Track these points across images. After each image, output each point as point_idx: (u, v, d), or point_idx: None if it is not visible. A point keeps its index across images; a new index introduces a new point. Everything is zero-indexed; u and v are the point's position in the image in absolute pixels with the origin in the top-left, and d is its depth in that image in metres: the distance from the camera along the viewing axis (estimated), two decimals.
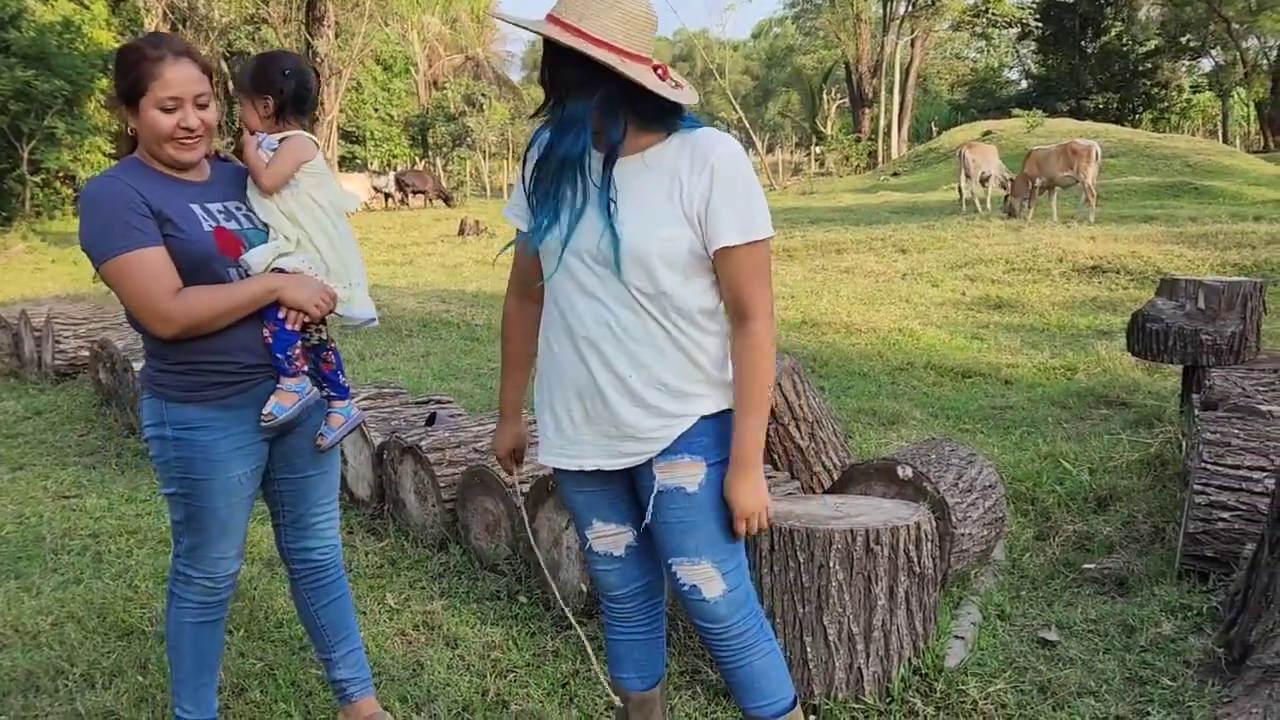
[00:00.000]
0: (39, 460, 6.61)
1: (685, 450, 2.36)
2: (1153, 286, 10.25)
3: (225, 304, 2.64)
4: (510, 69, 57.83)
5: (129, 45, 2.71)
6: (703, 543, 2.39)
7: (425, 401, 5.89)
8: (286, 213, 2.78)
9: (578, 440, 2.41)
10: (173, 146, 2.66)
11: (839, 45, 52.15)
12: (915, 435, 6.35)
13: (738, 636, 2.45)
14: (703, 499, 2.38)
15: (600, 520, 2.54)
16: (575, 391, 2.37)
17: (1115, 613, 3.85)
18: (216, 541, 2.83)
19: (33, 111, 26.77)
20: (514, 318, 2.62)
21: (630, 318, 2.29)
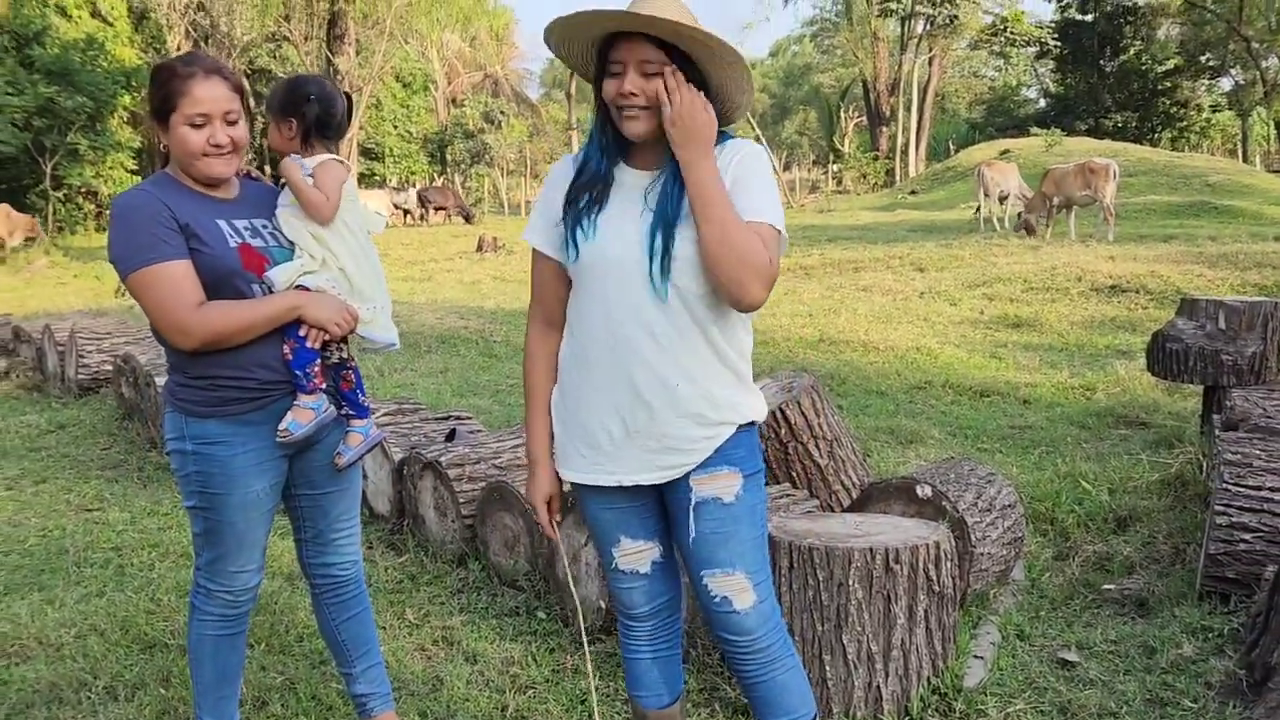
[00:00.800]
0: (62, 473, 6.66)
1: (724, 462, 2.38)
2: (1172, 306, 10.23)
3: (246, 319, 2.67)
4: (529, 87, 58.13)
5: (162, 63, 2.75)
6: (736, 554, 2.40)
7: (445, 417, 5.91)
8: (314, 232, 2.81)
9: (617, 456, 2.41)
10: (202, 163, 2.70)
11: (857, 64, 52.23)
12: (934, 454, 6.35)
13: (764, 650, 2.45)
14: (739, 510, 2.40)
15: (628, 537, 2.54)
16: (614, 406, 2.37)
17: (1136, 634, 3.84)
18: (235, 555, 2.85)
19: (56, 127, 27.08)
20: (539, 352, 2.56)
21: (675, 325, 2.31)
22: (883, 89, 49.75)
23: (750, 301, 2.25)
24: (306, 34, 32.30)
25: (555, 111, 57.42)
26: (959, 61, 56.64)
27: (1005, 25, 48.20)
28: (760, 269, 2.22)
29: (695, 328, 2.33)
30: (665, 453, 2.37)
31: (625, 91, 2.24)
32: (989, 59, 56.12)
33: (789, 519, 3.67)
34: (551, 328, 2.53)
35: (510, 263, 19.52)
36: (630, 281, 2.31)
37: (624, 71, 2.25)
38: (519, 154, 45.24)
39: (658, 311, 2.31)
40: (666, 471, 2.39)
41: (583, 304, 2.40)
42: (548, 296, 2.52)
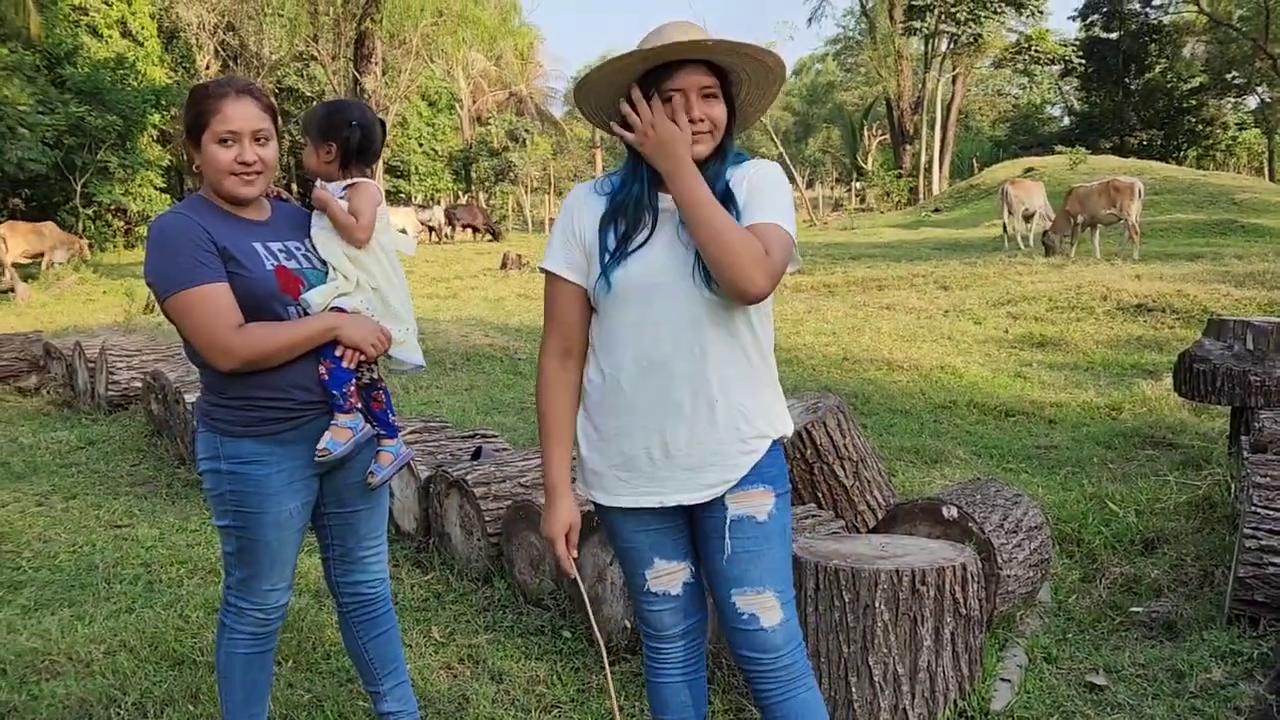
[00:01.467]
0: (92, 489, 6.72)
1: (759, 480, 2.41)
2: (1199, 326, 10.19)
3: (286, 340, 2.70)
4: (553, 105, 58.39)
5: (196, 85, 2.82)
6: (767, 572, 2.42)
7: (471, 435, 5.94)
8: (350, 254, 2.85)
9: (657, 477, 2.42)
10: (230, 181, 2.74)
11: (880, 82, 52.22)
12: (958, 474, 6.33)
13: (787, 669, 2.45)
14: (771, 528, 2.43)
15: (663, 558, 2.55)
16: (655, 427, 2.38)
17: (1164, 657, 3.82)
18: (268, 574, 2.88)
19: (86, 146, 27.35)
20: (555, 384, 2.51)
21: (715, 340, 2.35)
22: (906, 107, 49.73)
23: (754, 291, 2.25)
24: (334, 53, 32.54)
25: (579, 129, 57.64)
26: (983, 79, 56.58)
27: (1029, 43, 48.17)
28: (757, 258, 2.24)
29: (732, 340, 2.37)
30: (706, 470, 2.39)
31: (694, 117, 2.29)
32: (1013, 77, 56.02)
33: (815, 540, 3.67)
34: (569, 356, 2.51)
35: (534, 280, 19.55)
36: (672, 301, 2.34)
37: (683, 97, 2.29)
38: (543, 171, 45.46)
39: (696, 328, 2.34)
40: (709, 490, 2.41)
41: (617, 329, 2.41)
42: (568, 323, 2.49)
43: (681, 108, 2.29)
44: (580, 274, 2.45)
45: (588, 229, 2.44)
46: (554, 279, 2.49)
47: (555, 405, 2.51)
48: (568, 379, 2.51)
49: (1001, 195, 21.01)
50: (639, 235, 2.38)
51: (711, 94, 2.32)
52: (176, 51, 37.53)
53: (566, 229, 2.48)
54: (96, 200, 29.10)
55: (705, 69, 2.30)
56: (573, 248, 2.46)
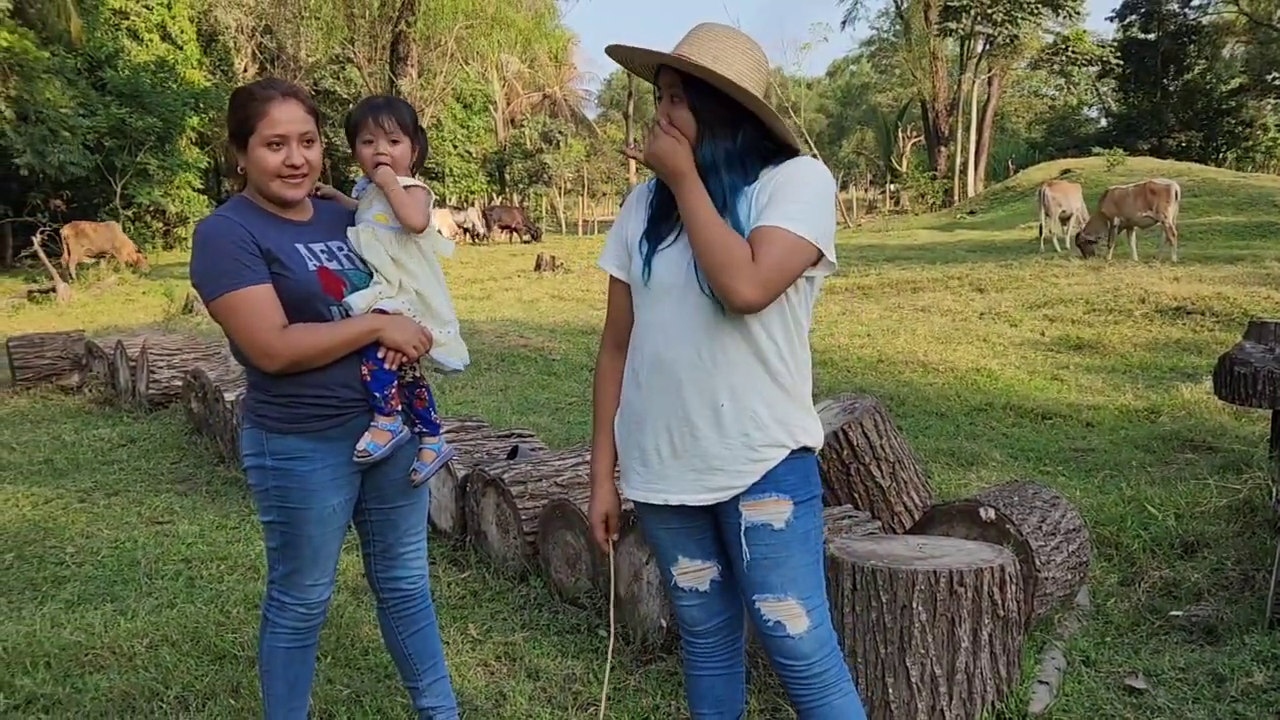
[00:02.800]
0: (133, 486, 6.81)
1: (772, 489, 2.40)
2: (1239, 329, 10.06)
3: (328, 342, 2.73)
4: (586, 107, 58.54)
5: (240, 89, 2.83)
6: (788, 579, 2.42)
7: (507, 435, 5.97)
8: (394, 255, 2.87)
9: (665, 475, 2.46)
10: (277, 184, 2.77)
11: (915, 83, 51.92)
12: (995, 477, 6.30)
13: (819, 675, 2.45)
14: (789, 535, 2.42)
15: (685, 556, 2.58)
16: (665, 424, 2.42)
17: (1204, 661, 3.78)
18: (310, 569, 2.91)
19: (126, 148, 27.69)
20: (609, 375, 2.63)
21: (724, 346, 2.35)
22: (941, 109, 49.39)
23: (739, 302, 2.24)
24: (370, 56, 32.76)
25: (612, 131, 57.78)
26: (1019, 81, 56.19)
27: (1067, 44, 47.71)
28: (741, 267, 2.22)
29: (747, 347, 2.36)
30: (711, 474, 2.41)
31: (658, 117, 2.38)
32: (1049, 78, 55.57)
33: (851, 540, 3.67)
34: (620, 350, 2.60)
35: (568, 281, 19.62)
36: (683, 302, 2.36)
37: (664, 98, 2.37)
38: (576, 173, 45.56)
39: (705, 333, 2.35)
40: (714, 493, 2.42)
41: (640, 326, 2.48)
42: (619, 319, 2.59)
43: None
44: (627, 273, 2.53)
45: (632, 229, 2.52)
46: (611, 279, 2.60)
47: (604, 396, 2.63)
48: (616, 371, 2.61)
49: (1039, 197, 20.82)
50: (668, 237, 2.43)
51: (675, 95, 2.34)
52: (215, 54, 37.93)
53: (618, 229, 2.58)
54: (136, 202, 29.48)
55: (674, 73, 2.34)
56: (621, 247, 2.54)
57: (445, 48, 33.24)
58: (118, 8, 32.06)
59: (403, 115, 2.92)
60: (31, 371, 10.48)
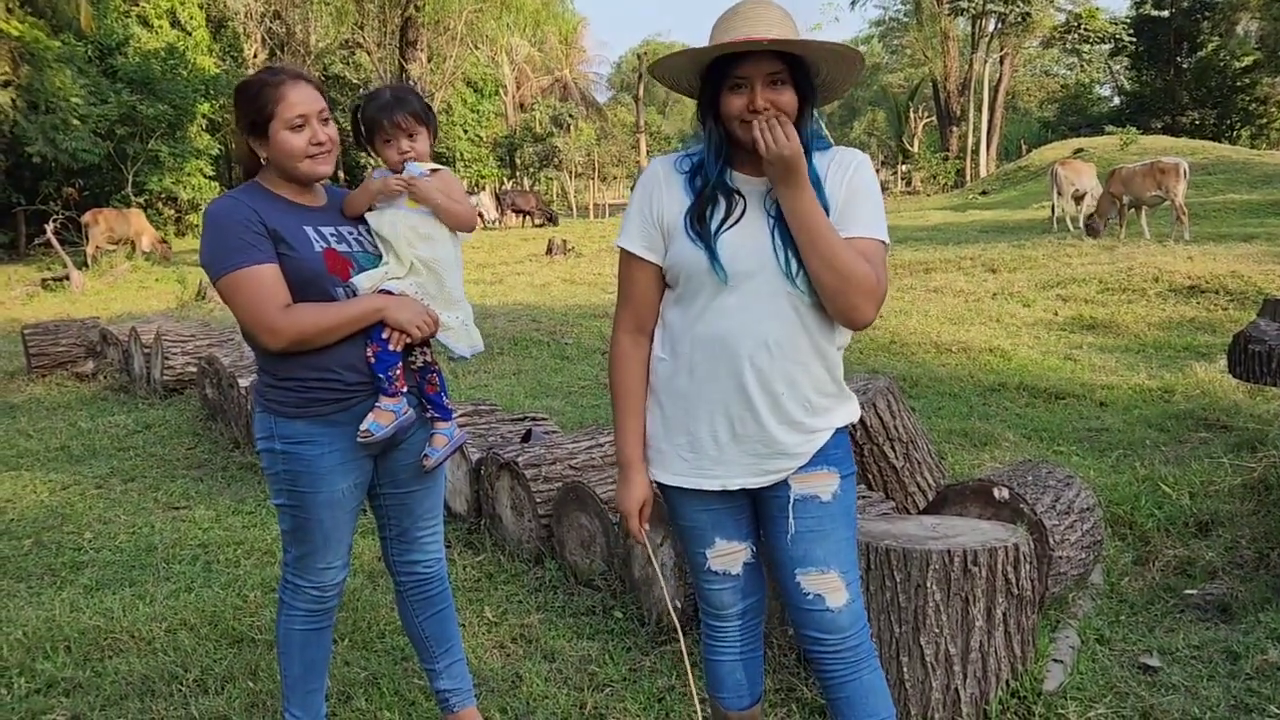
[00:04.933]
0: (149, 472, 6.85)
1: (823, 462, 2.42)
2: (1253, 307, 10.03)
3: (331, 320, 2.75)
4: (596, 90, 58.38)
5: (248, 79, 2.84)
6: (831, 552, 2.43)
7: (520, 419, 5.99)
8: (424, 232, 2.89)
9: (722, 460, 2.43)
10: (306, 164, 2.80)
11: (926, 63, 51.70)
12: (1008, 457, 6.30)
13: (853, 649, 2.46)
14: (836, 508, 2.44)
15: (723, 538, 2.55)
16: (723, 410, 2.39)
17: (1219, 639, 3.79)
18: (322, 552, 2.93)
19: (137, 135, 27.72)
20: (630, 359, 2.53)
21: (788, 332, 2.35)
22: (953, 88, 49.17)
23: (863, 322, 2.31)
24: (379, 41, 32.73)
25: (623, 115, 57.59)
26: (1030, 60, 55.84)
27: (1079, 22, 47.44)
28: (869, 290, 2.28)
29: (804, 335, 2.36)
30: (772, 458, 2.41)
31: (758, 107, 2.27)
32: (1061, 56, 55.21)
33: (866, 521, 3.67)
34: (641, 333, 2.52)
35: (579, 265, 19.62)
36: (757, 290, 2.33)
37: (749, 85, 2.28)
38: (587, 157, 45.46)
39: (776, 320, 2.34)
40: (771, 475, 2.42)
41: (694, 310, 2.40)
42: (643, 302, 2.50)
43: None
44: (658, 254, 2.45)
45: (668, 209, 2.43)
46: (631, 258, 2.48)
47: (629, 380, 2.53)
48: (640, 355, 2.52)
49: (1051, 176, 20.70)
50: (730, 219, 2.36)
51: (778, 79, 2.29)
52: (224, 40, 37.91)
53: (644, 208, 2.46)
54: (147, 189, 29.52)
55: (773, 56, 2.28)
56: (650, 227, 2.45)
57: (455, 32, 33.20)
58: None
59: (415, 106, 2.94)
60: (47, 359, 10.53)
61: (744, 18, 2.28)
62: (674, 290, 2.46)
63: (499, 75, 47.14)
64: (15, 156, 25.20)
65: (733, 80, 2.29)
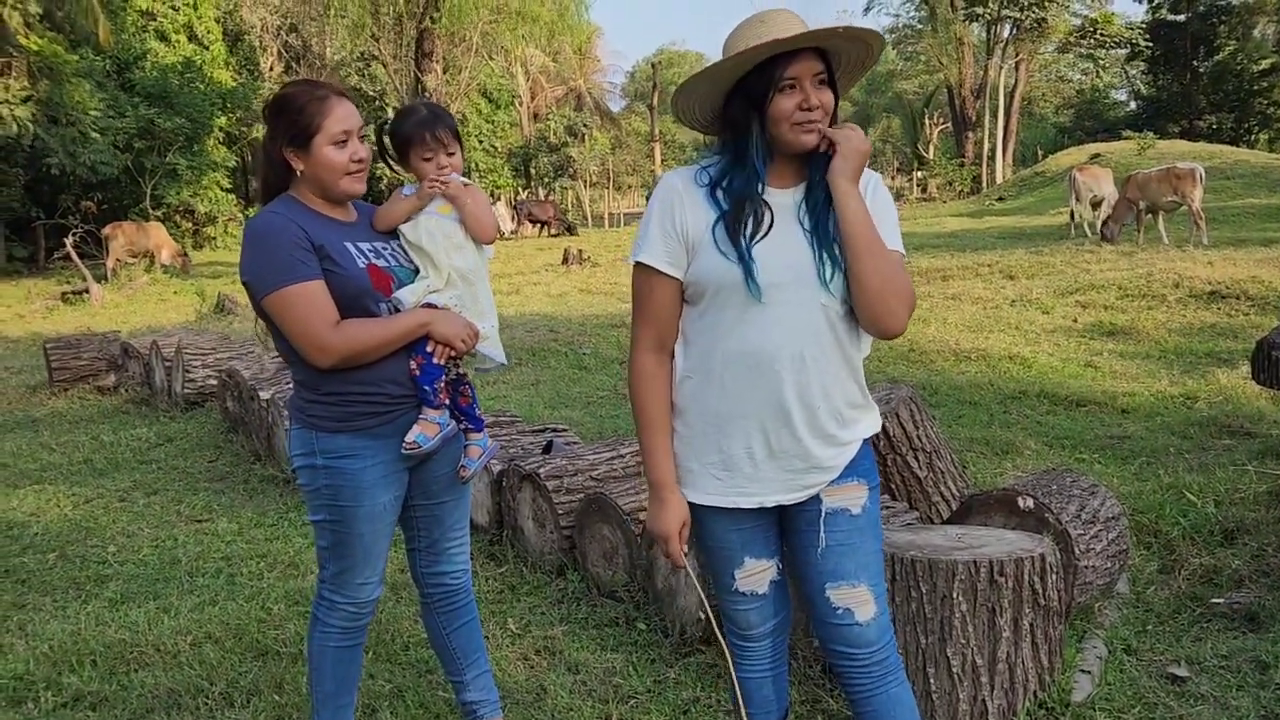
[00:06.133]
0: (171, 485, 6.88)
1: (853, 474, 2.42)
2: (1275, 312, 9.97)
3: (381, 336, 2.76)
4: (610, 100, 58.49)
5: (290, 92, 2.84)
6: (861, 565, 2.42)
7: (541, 430, 5.99)
8: (458, 243, 2.91)
9: (758, 478, 2.40)
10: (347, 180, 2.82)
11: (941, 70, 51.60)
12: (1030, 465, 6.27)
13: (880, 663, 2.45)
14: (864, 521, 2.43)
15: (753, 557, 2.52)
16: (759, 426, 2.36)
17: (1247, 648, 3.76)
18: (361, 567, 2.94)
19: (155, 148, 27.90)
20: (654, 378, 2.45)
21: (822, 344, 2.34)
22: (968, 94, 49.09)
23: (897, 329, 2.32)
24: (395, 53, 32.85)
25: (637, 124, 57.67)
26: (1046, 65, 55.71)
27: (1094, 27, 47.32)
28: (908, 295, 2.32)
29: (837, 346, 2.36)
30: (808, 472, 2.39)
31: (811, 104, 2.28)
32: (1077, 62, 55.06)
33: (890, 531, 3.66)
34: (663, 350, 2.46)
35: (596, 275, 19.64)
36: (792, 304, 2.31)
37: (799, 85, 2.27)
38: (601, 166, 45.56)
39: (811, 333, 2.33)
40: (807, 490, 2.41)
41: (723, 326, 2.36)
42: (664, 318, 2.43)
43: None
44: (680, 269, 2.39)
45: (692, 223, 2.37)
46: (652, 273, 2.41)
47: (654, 399, 2.45)
48: (664, 374, 2.46)
49: (1069, 182, 20.63)
50: (760, 232, 2.33)
51: (823, 80, 2.30)
52: (241, 54, 38.13)
53: (666, 222, 2.39)
54: (165, 202, 29.72)
55: (816, 56, 2.28)
56: (673, 241, 2.38)
57: (470, 43, 33.25)
58: (145, 9, 32.32)
59: (451, 123, 2.98)
60: (69, 373, 10.59)
61: (772, 24, 2.28)
62: (696, 306, 2.40)
63: (514, 86, 47.26)
64: (35, 171, 25.41)
65: (784, 81, 2.27)
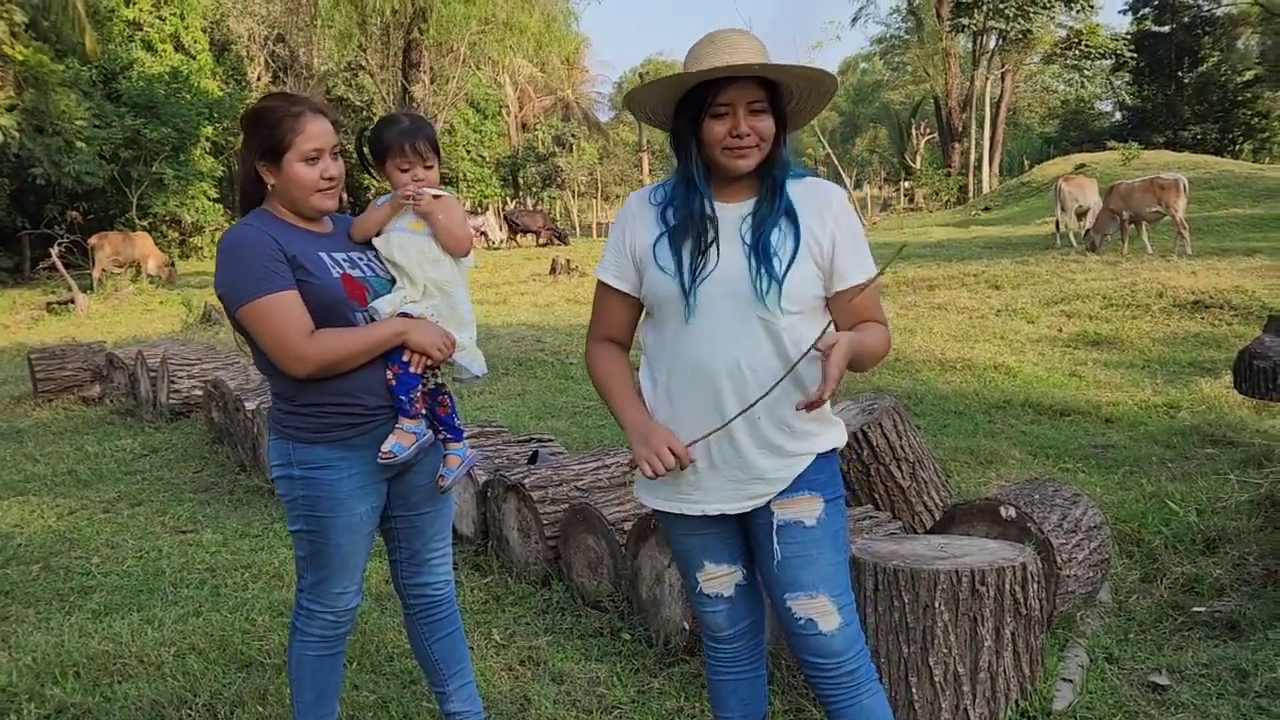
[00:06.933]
0: (156, 496, 6.86)
1: (805, 487, 2.44)
2: (1258, 322, 10.02)
3: (357, 345, 2.76)
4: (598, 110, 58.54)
5: (266, 106, 2.84)
6: (819, 577, 2.44)
7: (526, 440, 5.99)
8: (431, 256, 2.92)
9: (702, 486, 2.47)
10: (316, 198, 2.82)
11: (927, 80, 51.82)
12: (1014, 475, 6.29)
13: (850, 674, 2.47)
14: (820, 533, 2.45)
15: (712, 562, 2.59)
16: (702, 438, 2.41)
17: (1228, 657, 3.78)
18: (339, 577, 2.94)
19: (141, 158, 27.81)
20: (603, 355, 2.62)
21: (761, 356, 2.37)
22: (954, 105, 49.29)
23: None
24: (382, 63, 32.87)
25: (625, 134, 57.76)
26: (1032, 76, 55.98)
27: (1080, 38, 47.58)
28: (887, 350, 2.45)
29: (780, 359, 2.38)
30: (751, 483, 2.43)
31: (741, 132, 2.32)
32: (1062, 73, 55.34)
33: (873, 541, 3.68)
34: (612, 342, 2.63)
35: (583, 285, 19.64)
36: (727, 316, 2.37)
37: (731, 113, 2.31)
38: (589, 176, 45.61)
39: (748, 346, 2.37)
40: (751, 501, 2.45)
41: (669, 337, 2.45)
42: (615, 324, 2.62)
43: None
44: (629, 284, 2.54)
45: (639, 241, 2.50)
46: (604, 286, 2.60)
47: (608, 368, 2.60)
48: (611, 351, 2.62)
49: (1055, 192, 20.72)
50: (700, 248, 2.40)
51: (759, 109, 2.34)
52: (228, 64, 38.08)
53: (619, 239, 2.56)
54: (152, 212, 29.62)
55: (754, 83, 2.33)
56: (623, 258, 2.54)
57: (458, 53, 33.28)
58: (131, 19, 32.27)
59: (431, 135, 2.98)
60: (53, 383, 10.56)
61: (720, 46, 2.33)
62: (650, 320, 2.53)
63: (502, 96, 47.29)
64: (20, 180, 25.30)
65: (715, 108, 2.32)
